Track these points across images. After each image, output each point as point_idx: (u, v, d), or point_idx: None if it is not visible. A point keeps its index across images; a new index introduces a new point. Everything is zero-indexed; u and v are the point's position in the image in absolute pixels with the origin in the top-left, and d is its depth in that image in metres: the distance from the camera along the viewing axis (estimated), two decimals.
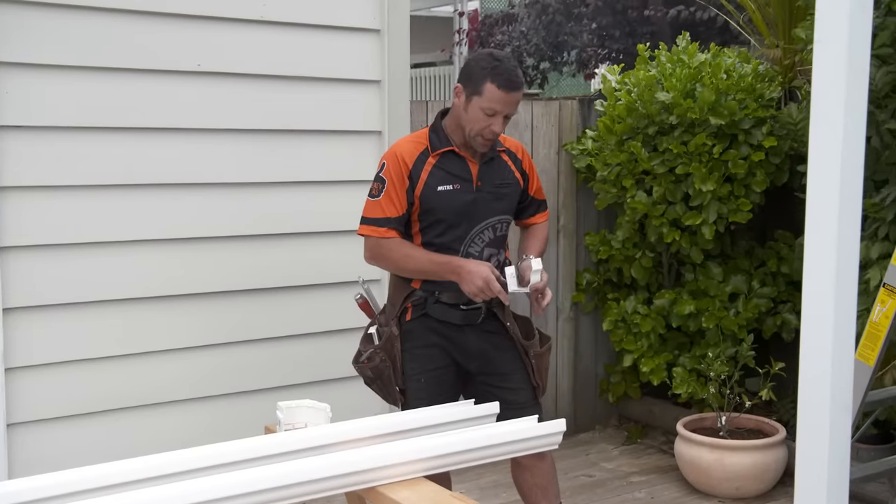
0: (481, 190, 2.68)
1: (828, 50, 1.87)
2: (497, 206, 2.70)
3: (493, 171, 2.71)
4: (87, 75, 2.94)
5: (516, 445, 2.27)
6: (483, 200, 2.67)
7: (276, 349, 3.30)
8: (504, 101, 2.55)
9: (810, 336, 1.93)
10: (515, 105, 2.60)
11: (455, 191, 2.65)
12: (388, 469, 2.08)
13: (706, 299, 3.93)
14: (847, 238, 1.89)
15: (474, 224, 2.67)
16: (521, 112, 4.19)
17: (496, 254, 2.72)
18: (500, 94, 2.54)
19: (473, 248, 2.68)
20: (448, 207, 2.64)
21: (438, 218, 2.66)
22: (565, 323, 4.42)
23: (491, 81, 2.54)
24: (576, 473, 3.95)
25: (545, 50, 7.86)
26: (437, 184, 2.64)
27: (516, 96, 2.57)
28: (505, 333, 2.73)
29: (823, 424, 1.90)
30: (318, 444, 2.21)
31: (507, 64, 2.57)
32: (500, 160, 2.75)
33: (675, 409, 4.28)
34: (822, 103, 1.88)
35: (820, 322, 1.90)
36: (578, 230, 4.40)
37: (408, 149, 2.67)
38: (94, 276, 2.98)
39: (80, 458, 2.28)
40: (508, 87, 2.54)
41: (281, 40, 3.27)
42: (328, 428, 2.31)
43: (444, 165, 2.66)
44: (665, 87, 3.80)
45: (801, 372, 1.91)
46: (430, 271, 2.64)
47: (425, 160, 2.66)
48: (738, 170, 3.70)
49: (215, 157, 3.18)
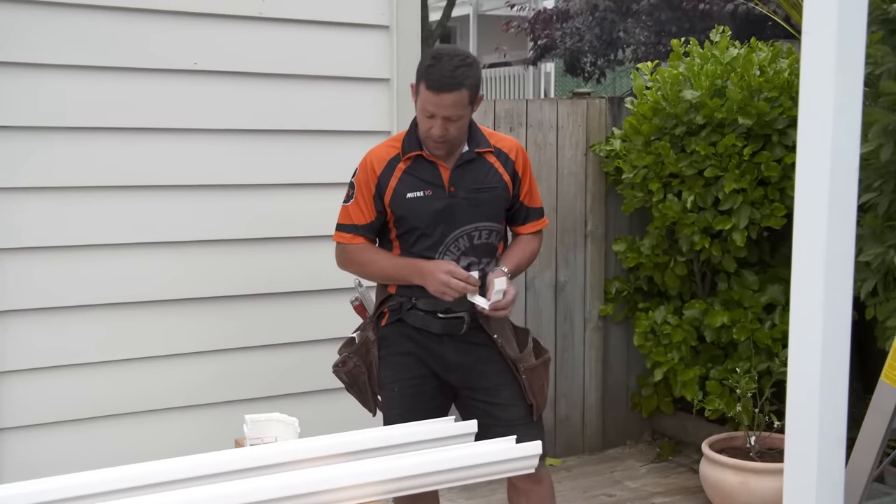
0: (455, 196, 2.51)
1: (816, 42, 1.67)
2: (474, 213, 2.51)
3: (471, 175, 2.53)
4: (78, 74, 2.87)
5: (486, 469, 2.11)
6: (458, 207, 2.50)
7: (274, 356, 3.19)
8: (434, 102, 2.38)
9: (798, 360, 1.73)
10: (451, 107, 2.39)
11: (426, 197, 2.50)
12: (340, 492, 1.95)
13: (739, 310, 3.69)
14: (839, 251, 1.68)
15: (448, 232, 2.50)
16: (545, 111, 4.02)
17: (476, 263, 2.53)
18: (429, 95, 2.39)
19: (449, 256, 2.52)
20: (418, 215, 2.50)
21: (411, 226, 2.52)
22: (593, 333, 4.22)
23: (423, 81, 2.41)
24: (596, 492, 3.76)
25: (599, 47, 7.64)
26: (406, 190, 2.51)
27: (447, 98, 2.37)
28: (493, 346, 2.57)
29: (811, 459, 1.70)
30: (276, 462, 2.09)
31: (444, 63, 2.39)
32: (483, 162, 2.56)
33: (709, 425, 4.05)
34: (810, 103, 1.68)
35: (808, 342, 1.70)
36: (608, 236, 4.20)
37: (379, 154, 2.56)
38: (81, 280, 2.92)
39: (57, 466, 2.20)
40: (436, 87, 2.37)
41: (282, 38, 3.17)
42: (289, 445, 2.20)
43: (414, 171, 2.52)
44: (693, 84, 3.58)
45: (788, 402, 1.72)
46: (395, 275, 2.54)
47: (395, 166, 2.53)
48: (771, 172, 3.46)
49: (210, 159, 3.09)
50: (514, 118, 3.94)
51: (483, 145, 2.56)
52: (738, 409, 3.49)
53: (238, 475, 2.04)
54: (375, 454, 2.16)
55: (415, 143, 2.53)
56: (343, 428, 2.28)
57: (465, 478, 2.12)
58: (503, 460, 2.11)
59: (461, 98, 2.40)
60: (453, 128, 2.43)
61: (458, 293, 2.43)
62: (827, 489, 1.71)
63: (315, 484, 1.93)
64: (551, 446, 4.16)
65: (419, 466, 2.03)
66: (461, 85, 2.39)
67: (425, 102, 2.41)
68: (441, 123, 2.41)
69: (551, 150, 4.03)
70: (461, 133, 2.48)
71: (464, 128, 2.48)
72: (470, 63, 2.44)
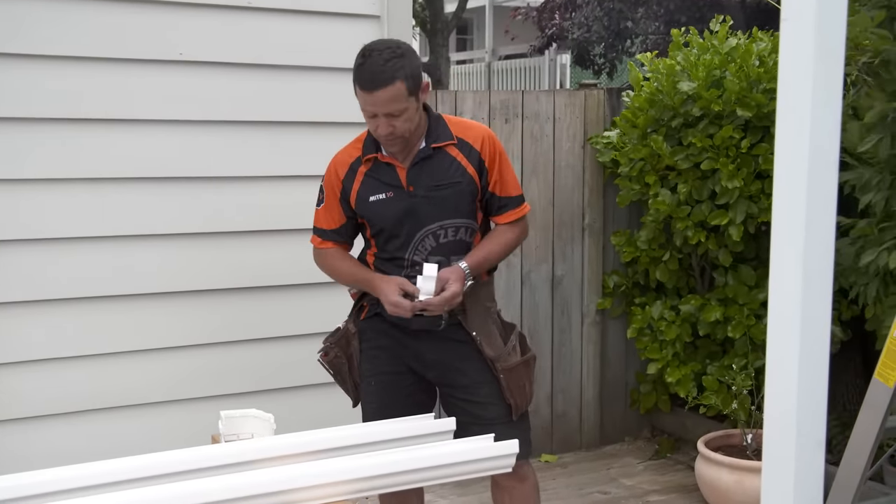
0: (415, 195, 2.44)
1: (794, 29, 1.61)
2: (436, 211, 2.44)
3: (427, 173, 2.44)
4: (61, 65, 2.83)
5: (462, 468, 2.06)
6: (419, 206, 2.43)
7: (253, 351, 3.15)
8: (371, 101, 2.32)
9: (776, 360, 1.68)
10: (389, 103, 2.31)
11: (388, 199, 2.45)
12: (313, 490, 1.91)
13: (734, 306, 3.63)
14: (817, 250, 1.62)
15: (414, 232, 2.45)
16: (542, 103, 3.96)
17: (446, 262, 2.46)
18: (364, 95, 2.33)
19: (418, 256, 2.47)
20: (382, 217, 2.46)
21: (379, 228, 2.49)
22: (591, 328, 4.16)
23: (356, 83, 2.36)
24: (590, 490, 3.71)
25: (607, 38, 7.56)
26: (368, 194, 2.47)
27: (382, 94, 2.30)
28: (472, 343, 2.50)
29: (788, 463, 1.65)
30: (249, 459, 2.06)
31: (374, 59, 2.32)
32: (443, 157, 2.46)
33: (709, 422, 3.98)
34: (788, 94, 1.62)
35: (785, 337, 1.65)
36: (606, 229, 4.13)
37: (342, 158, 2.53)
38: (57, 274, 2.88)
39: (28, 462, 2.18)
40: (369, 86, 2.31)
41: (270, 28, 3.12)
42: (264, 442, 2.17)
43: (375, 173, 2.48)
44: (691, 75, 3.51)
45: (766, 402, 1.67)
46: (357, 285, 2.57)
47: (357, 169, 2.49)
48: (769, 165, 3.38)
49: (195, 150, 3.05)
50: (509, 109, 3.88)
51: (443, 139, 2.47)
52: (734, 406, 3.43)
53: (210, 472, 2.01)
54: (351, 451, 2.12)
55: (372, 146, 2.48)
56: (321, 424, 2.24)
57: (441, 476, 2.08)
58: (479, 459, 2.06)
59: (397, 91, 2.31)
60: (399, 122, 2.35)
61: (410, 313, 2.39)
62: (805, 491, 1.65)
63: (288, 482, 1.89)
64: (548, 442, 4.11)
65: (394, 465, 1.99)
66: (394, 78, 2.30)
67: (364, 103, 2.35)
68: (385, 121, 2.34)
69: (548, 143, 3.97)
70: (412, 126, 2.39)
71: (412, 120, 2.38)
72: (401, 53, 2.34)
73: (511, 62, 12.87)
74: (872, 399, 2.53)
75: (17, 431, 2.86)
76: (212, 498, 1.82)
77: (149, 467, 1.98)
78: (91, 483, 1.91)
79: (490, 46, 17.18)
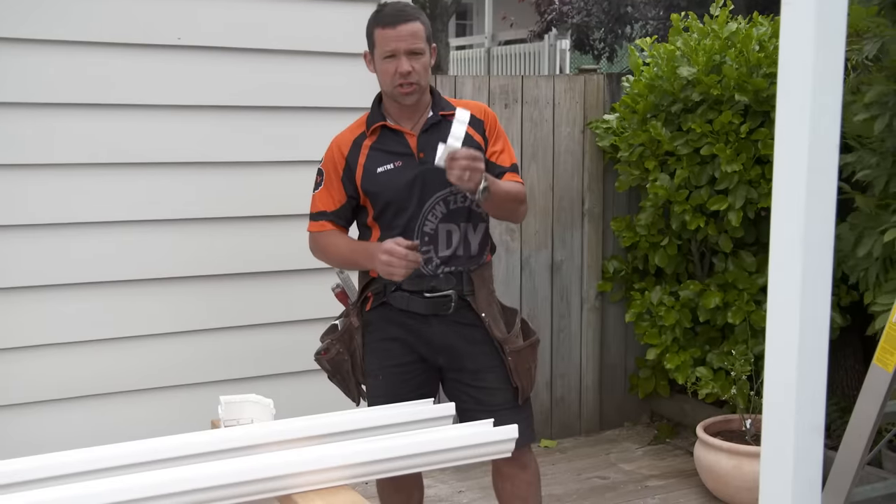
0: (425, 162, 2.44)
1: (795, 14, 1.59)
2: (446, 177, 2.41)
3: (438, 138, 2.41)
4: (57, 49, 2.83)
5: (461, 452, 2.06)
6: (430, 173, 2.42)
7: (253, 336, 3.15)
8: (395, 37, 2.38)
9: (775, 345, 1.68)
10: (411, 38, 2.38)
11: (396, 169, 2.45)
12: (312, 475, 1.92)
13: (734, 292, 3.63)
14: (817, 235, 1.62)
15: (424, 200, 2.45)
16: (541, 88, 3.94)
17: (457, 230, 2.47)
18: (387, 32, 2.39)
19: (428, 225, 2.46)
20: (391, 188, 2.45)
21: (387, 200, 2.46)
22: (590, 313, 4.16)
23: (377, 26, 2.42)
24: (589, 475, 3.72)
25: (606, 22, 7.52)
26: (375, 166, 2.46)
27: (406, 28, 2.38)
28: (481, 325, 2.51)
29: (787, 448, 1.65)
30: (249, 444, 2.06)
31: (392, 4, 2.45)
32: (450, 124, 2.43)
33: (708, 408, 3.99)
34: (788, 79, 1.61)
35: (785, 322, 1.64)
36: (605, 214, 4.13)
37: (344, 137, 2.54)
38: (56, 259, 2.88)
39: (27, 447, 2.18)
40: (392, 21, 2.39)
41: (268, 12, 3.11)
42: (264, 427, 2.16)
43: (381, 145, 2.48)
44: (691, 60, 3.49)
45: (765, 387, 1.67)
46: (351, 259, 2.52)
47: (362, 143, 2.49)
48: (769, 150, 3.37)
49: (193, 135, 3.04)
50: (509, 94, 3.87)
51: (448, 108, 2.51)
52: (733, 391, 3.43)
53: (210, 457, 2.01)
54: (350, 437, 2.12)
55: (378, 115, 2.51)
56: (320, 410, 2.24)
57: (440, 461, 2.07)
58: (478, 444, 2.06)
59: (418, 29, 2.41)
60: (418, 65, 2.40)
61: (405, 264, 2.33)
62: (803, 476, 1.65)
63: (287, 466, 1.90)
64: (547, 427, 4.12)
65: (392, 450, 1.98)
66: (416, 17, 2.42)
67: (385, 42, 2.40)
68: (406, 60, 2.38)
69: (547, 128, 3.96)
70: (426, 74, 2.45)
71: (426, 69, 2.44)
72: (416, 7, 2.49)
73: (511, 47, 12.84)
74: (871, 384, 2.53)
75: (16, 416, 2.87)
76: (211, 482, 1.83)
77: (148, 452, 1.98)
78: (90, 468, 1.92)
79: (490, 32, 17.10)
